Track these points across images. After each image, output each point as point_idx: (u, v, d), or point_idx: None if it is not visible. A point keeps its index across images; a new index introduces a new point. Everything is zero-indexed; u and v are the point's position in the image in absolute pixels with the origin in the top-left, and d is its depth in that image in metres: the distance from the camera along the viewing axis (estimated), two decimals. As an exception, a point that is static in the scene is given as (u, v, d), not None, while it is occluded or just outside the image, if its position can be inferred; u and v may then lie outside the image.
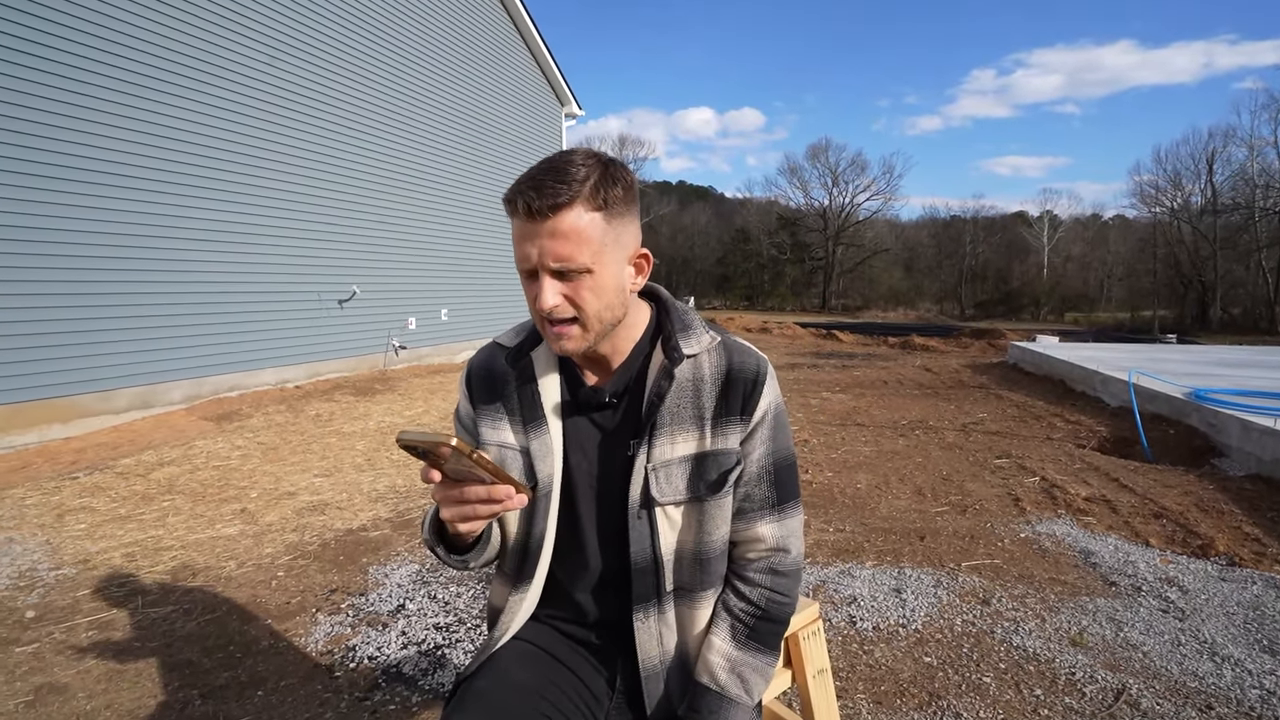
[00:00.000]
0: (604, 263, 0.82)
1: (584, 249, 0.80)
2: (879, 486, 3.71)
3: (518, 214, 0.80)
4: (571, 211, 0.79)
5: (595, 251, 0.81)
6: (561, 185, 0.78)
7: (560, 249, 0.79)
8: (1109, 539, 2.90)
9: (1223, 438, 4.23)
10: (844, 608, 2.34)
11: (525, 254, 0.81)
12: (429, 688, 1.90)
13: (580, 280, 0.81)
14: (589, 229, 0.80)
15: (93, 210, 4.88)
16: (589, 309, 0.83)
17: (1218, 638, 2.11)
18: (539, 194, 0.78)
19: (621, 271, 0.86)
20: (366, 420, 5.36)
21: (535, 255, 0.80)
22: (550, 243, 0.79)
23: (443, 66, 8.89)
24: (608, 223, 0.82)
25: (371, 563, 2.73)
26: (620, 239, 0.84)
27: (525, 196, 0.78)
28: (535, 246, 0.80)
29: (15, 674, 1.95)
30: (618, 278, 0.85)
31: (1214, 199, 27.61)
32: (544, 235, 0.79)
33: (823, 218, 41.01)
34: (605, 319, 0.85)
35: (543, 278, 0.81)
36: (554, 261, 0.79)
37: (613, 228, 0.82)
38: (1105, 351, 8.48)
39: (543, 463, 0.91)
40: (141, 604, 2.36)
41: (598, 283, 0.82)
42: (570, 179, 0.78)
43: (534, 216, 0.78)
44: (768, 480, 0.93)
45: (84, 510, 3.31)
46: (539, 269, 0.81)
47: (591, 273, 0.81)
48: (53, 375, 4.63)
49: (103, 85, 4.91)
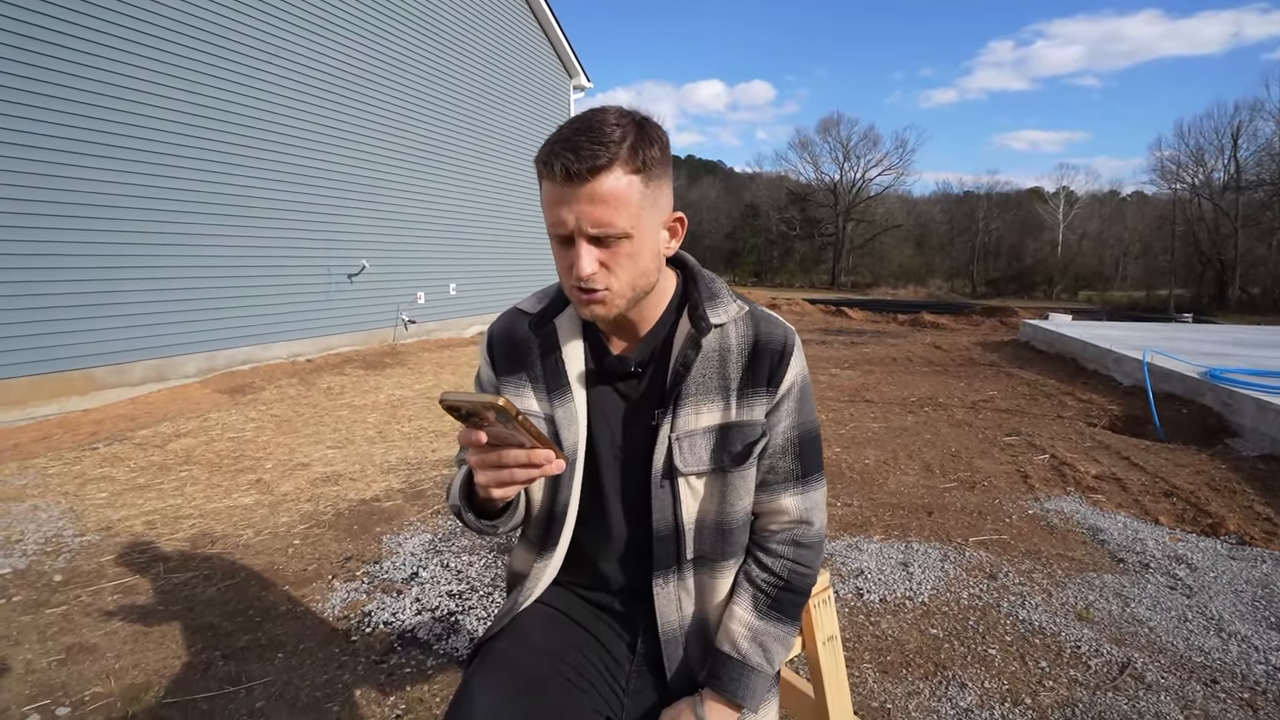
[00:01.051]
0: (642, 227, 0.79)
1: (623, 213, 0.76)
2: (887, 462, 3.72)
3: (553, 177, 0.75)
4: (610, 174, 0.75)
5: (634, 216, 0.77)
6: (599, 146, 0.74)
7: (599, 214, 0.75)
8: (1118, 516, 2.91)
9: (1237, 417, 4.20)
10: (851, 580, 2.36)
11: (560, 219, 0.77)
12: (443, 652, 1.94)
13: (618, 246, 0.78)
14: (627, 192, 0.76)
15: (108, 186, 4.89)
16: (625, 275, 0.80)
17: (1225, 614, 2.12)
18: (577, 156, 0.73)
19: (657, 236, 0.83)
20: (377, 394, 5.41)
21: (572, 221, 0.76)
22: (589, 208, 0.75)
23: (450, 39, 8.76)
24: (645, 185, 0.78)
25: (385, 532, 2.77)
26: (657, 202, 0.81)
27: (563, 159, 0.74)
28: (572, 212, 0.76)
29: (46, 634, 2.01)
30: (654, 242, 0.82)
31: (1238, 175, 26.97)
32: (582, 200, 0.75)
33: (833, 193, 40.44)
34: (640, 285, 0.83)
35: (579, 244, 0.77)
36: (593, 227, 0.76)
37: (650, 190, 0.79)
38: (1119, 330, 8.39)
39: (568, 430, 0.90)
40: (163, 570, 2.42)
41: (635, 248, 0.79)
42: (607, 139, 0.74)
43: (571, 180, 0.74)
44: (792, 452, 0.93)
45: (104, 479, 3.38)
46: (576, 235, 0.77)
47: (630, 238, 0.78)
48: (71, 349, 4.69)
49: (114, 60, 4.88)
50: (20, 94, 4.38)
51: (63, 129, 4.61)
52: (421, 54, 8.25)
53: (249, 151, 6.04)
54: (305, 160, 6.66)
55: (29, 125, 4.43)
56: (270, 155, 6.26)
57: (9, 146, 4.34)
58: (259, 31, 6.08)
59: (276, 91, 6.30)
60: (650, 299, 0.89)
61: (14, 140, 4.36)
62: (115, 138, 4.94)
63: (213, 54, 5.65)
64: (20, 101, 4.38)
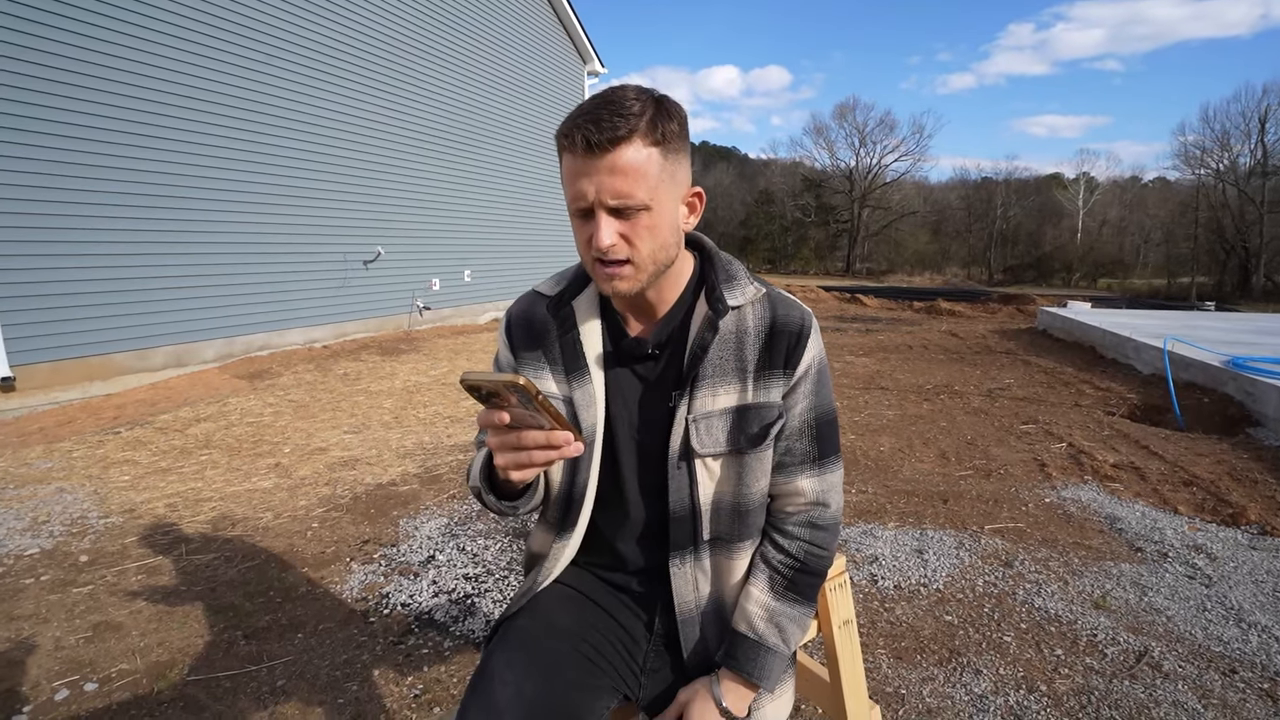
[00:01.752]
0: (661, 200, 0.80)
1: (642, 185, 0.77)
2: (902, 450, 3.70)
3: (575, 149, 0.77)
4: (630, 146, 0.76)
5: (653, 188, 0.78)
6: (620, 119, 0.75)
7: (619, 185, 0.77)
8: (1136, 505, 2.88)
9: (1260, 407, 4.13)
10: (866, 566, 2.36)
11: (581, 191, 0.78)
12: (460, 633, 1.97)
13: (637, 218, 0.79)
14: (647, 164, 0.78)
15: (130, 174, 4.94)
16: (644, 248, 0.81)
17: (1245, 604, 2.09)
18: (597, 128, 0.75)
19: (676, 209, 0.84)
20: (393, 379, 5.46)
21: (593, 192, 0.77)
22: (609, 179, 0.76)
23: (465, 26, 8.72)
24: (664, 158, 0.79)
25: (401, 515, 2.81)
26: (675, 175, 0.82)
27: (583, 130, 0.75)
28: (592, 183, 0.77)
29: (74, 612, 2.06)
30: (673, 216, 0.83)
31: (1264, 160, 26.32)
32: (602, 171, 0.76)
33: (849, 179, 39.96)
34: (660, 259, 0.83)
35: (599, 215, 0.78)
36: (612, 198, 0.77)
37: (669, 164, 0.80)
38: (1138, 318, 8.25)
39: (586, 412, 0.91)
40: (185, 551, 2.47)
41: (655, 220, 0.80)
42: (627, 112, 0.76)
43: (592, 151, 0.76)
44: (809, 435, 0.93)
45: (127, 463, 3.44)
46: (595, 206, 0.78)
47: (649, 210, 0.79)
48: (93, 334, 4.77)
49: (132, 45, 4.91)
50: (42, 82, 4.42)
51: (88, 118, 4.66)
52: (437, 41, 8.22)
53: (268, 140, 6.07)
54: (323, 148, 6.69)
55: (53, 114, 4.48)
56: (289, 144, 6.29)
57: (32, 135, 4.39)
58: (279, 22, 6.08)
59: (294, 80, 6.31)
60: (668, 280, 0.89)
61: (37, 129, 4.41)
62: (140, 125, 4.99)
63: (231, 44, 5.66)
64: (42, 90, 4.42)
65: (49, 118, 4.47)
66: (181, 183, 5.36)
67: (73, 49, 4.57)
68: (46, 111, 4.45)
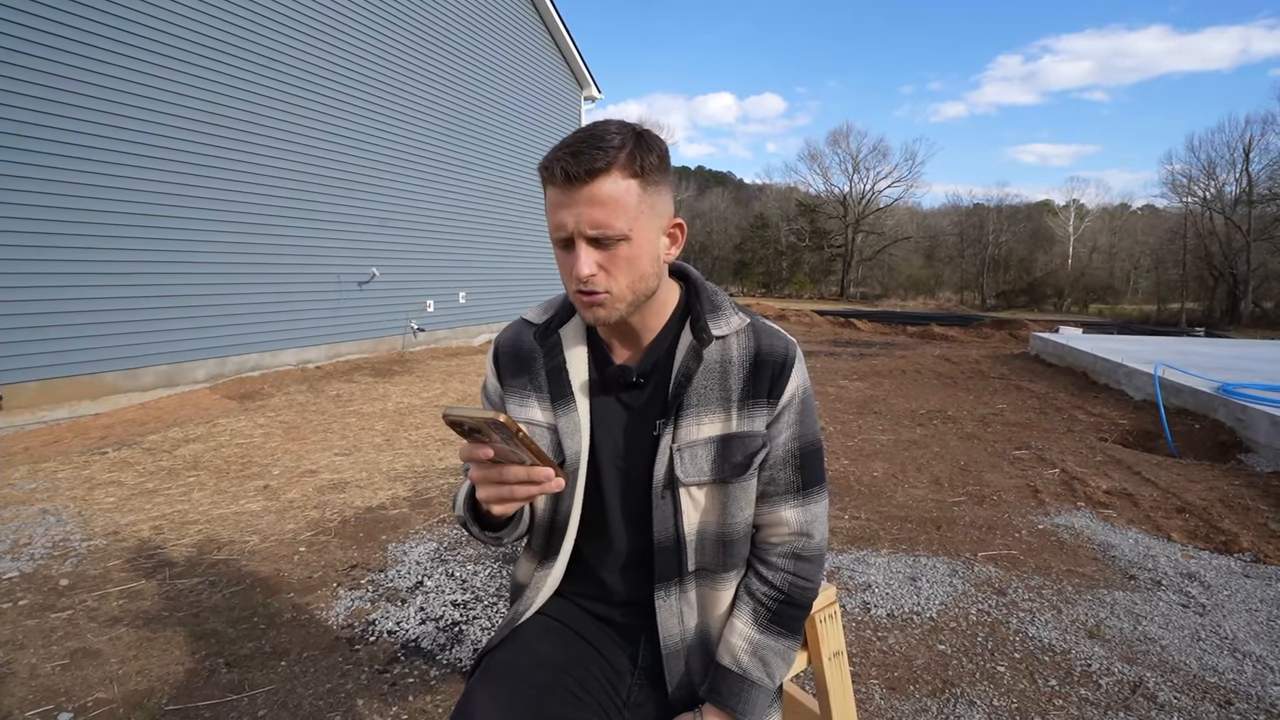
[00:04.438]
0: (640, 230, 0.82)
1: (620, 216, 0.79)
2: (895, 475, 3.69)
3: (555, 181, 0.79)
4: (609, 178, 0.78)
5: (632, 218, 0.80)
6: (598, 151, 0.78)
7: (597, 215, 0.79)
8: (1129, 532, 2.87)
9: (1251, 433, 4.14)
10: (858, 594, 2.34)
11: (561, 222, 0.80)
12: (446, 662, 1.93)
13: (617, 248, 0.81)
14: (625, 196, 0.80)
15: (121, 194, 4.96)
16: (624, 279, 0.82)
17: (1239, 634, 2.08)
18: (576, 159, 0.77)
19: (657, 240, 0.86)
20: (385, 401, 5.43)
21: (572, 223, 0.79)
22: (587, 210, 0.79)
23: (461, 49, 8.86)
24: (644, 190, 0.81)
25: (390, 540, 2.77)
26: (655, 207, 0.84)
27: (562, 163, 0.78)
28: (572, 214, 0.79)
29: (51, 638, 2.02)
30: (653, 246, 0.85)
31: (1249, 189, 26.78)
32: (581, 202, 0.79)
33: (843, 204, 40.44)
34: (639, 289, 0.85)
35: (579, 246, 0.80)
36: (591, 229, 0.79)
37: (648, 195, 0.82)
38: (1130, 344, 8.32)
39: (570, 440, 0.91)
40: (169, 575, 2.43)
41: (634, 251, 0.82)
42: (606, 145, 0.78)
43: (571, 182, 0.78)
44: (793, 464, 0.93)
45: (113, 484, 3.40)
46: (575, 236, 0.80)
47: (628, 240, 0.81)
48: (83, 353, 4.74)
49: (127, 66, 4.97)
50: (37, 101, 4.45)
51: (79, 138, 4.69)
52: (433, 65, 8.35)
53: (263, 161, 6.11)
54: (318, 169, 6.74)
55: (45, 134, 4.51)
56: (283, 164, 6.34)
57: (23, 154, 4.41)
58: (276, 47, 6.17)
59: (289, 102, 6.38)
60: (653, 309, 0.90)
61: (28, 147, 4.43)
62: (134, 145, 5.02)
63: (227, 66, 5.74)
64: (32, 109, 4.46)
65: (42, 136, 4.50)
66: (175, 203, 5.38)
67: (67, 69, 4.62)
68: (39, 130, 4.48)
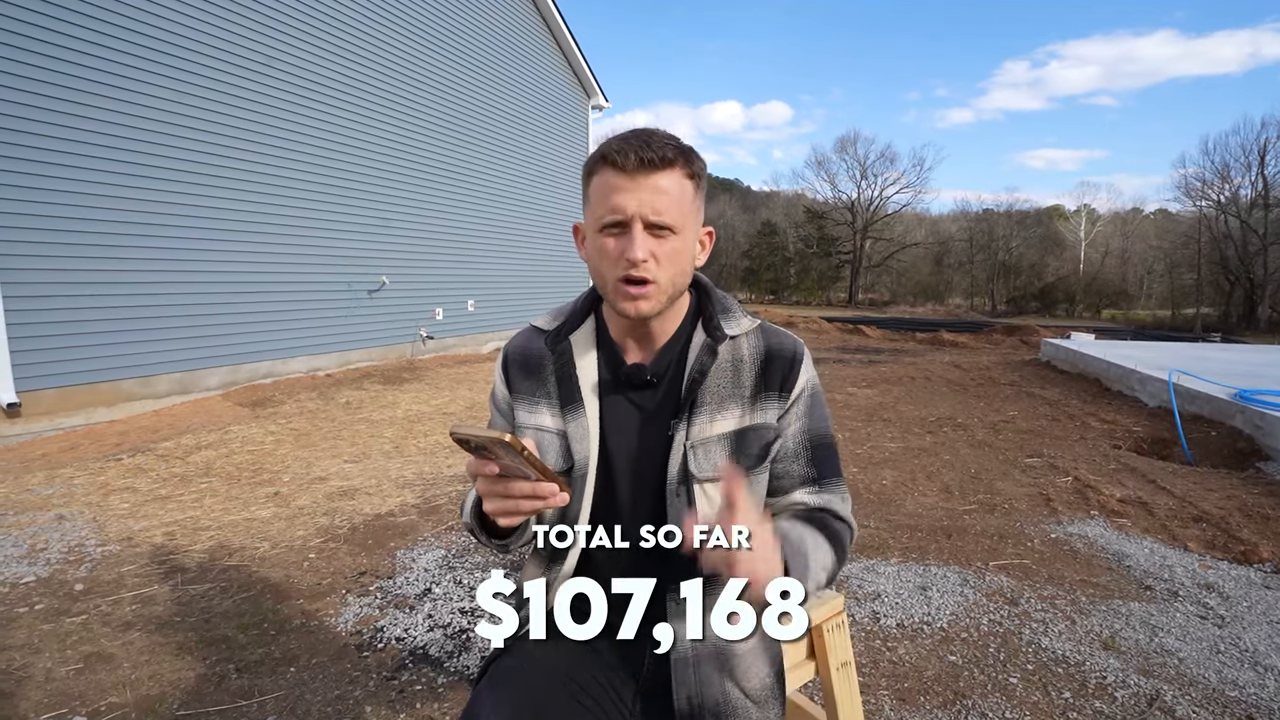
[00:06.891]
0: (687, 228, 0.86)
1: (676, 209, 0.83)
2: (905, 483, 3.66)
3: (623, 166, 0.81)
4: (674, 171, 0.83)
5: (684, 214, 0.84)
6: (668, 145, 0.83)
7: (660, 203, 0.82)
8: (1144, 542, 2.83)
9: (1270, 440, 4.08)
10: (868, 604, 2.32)
11: (619, 206, 0.82)
12: (454, 669, 1.94)
13: (668, 240, 0.84)
14: (683, 192, 0.84)
15: (137, 204, 5.04)
16: (668, 271, 0.85)
17: (1260, 646, 2.04)
18: (649, 147, 0.81)
19: (695, 242, 0.90)
20: (395, 409, 5.46)
21: (634, 206, 0.82)
22: (651, 196, 0.82)
23: (469, 58, 8.95)
24: (695, 192, 0.86)
25: (399, 547, 2.78)
26: (699, 211, 0.89)
27: (636, 149, 0.81)
28: (635, 198, 0.82)
29: (66, 643, 2.04)
30: (693, 246, 0.89)
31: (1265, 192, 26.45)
32: (646, 189, 0.82)
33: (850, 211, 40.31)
34: (678, 284, 0.88)
35: (635, 230, 0.82)
36: (653, 214, 0.82)
37: (696, 199, 0.87)
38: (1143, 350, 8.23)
39: (580, 444, 0.92)
40: (181, 581, 2.45)
41: (681, 245, 0.85)
42: (671, 143, 0.84)
43: (642, 167, 0.81)
44: (805, 456, 0.93)
45: (127, 490, 3.44)
46: (634, 219, 0.82)
47: (678, 234, 0.84)
48: (98, 361, 4.80)
49: (136, 77, 5.05)
50: (47, 113, 4.53)
51: (95, 149, 4.76)
52: (442, 75, 8.43)
53: (272, 170, 6.19)
54: (328, 179, 6.81)
55: (59, 145, 4.58)
56: (294, 174, 6.41)
57: (40, 165, 4.49)
58: (284, 53, 6.26)
59: (300, 111, 6.46)
60: (671, 310, 0.92)
61: (43, 158, 4.51)
62: (150, 157, 5.09)
63: (237, 75, 5.82)
64: (48, 120, 4.53)
65: (56, 148, 4.57)
66: (190, 213, 5.45)
67: (76, 79, 4.69)
68: (53, 143, 4.55)
